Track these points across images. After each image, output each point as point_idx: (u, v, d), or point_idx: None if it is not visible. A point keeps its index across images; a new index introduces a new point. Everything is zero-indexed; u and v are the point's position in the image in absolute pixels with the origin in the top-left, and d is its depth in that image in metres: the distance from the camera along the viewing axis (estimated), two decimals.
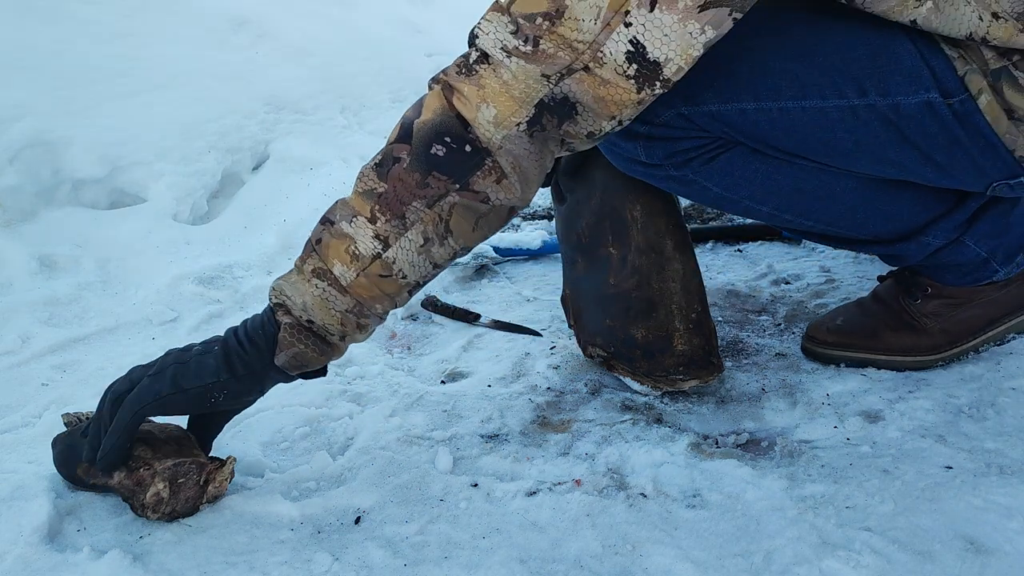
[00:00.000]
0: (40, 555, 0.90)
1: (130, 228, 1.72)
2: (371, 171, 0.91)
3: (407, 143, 0.89)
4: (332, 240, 0.91)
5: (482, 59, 0.86)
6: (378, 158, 0.91)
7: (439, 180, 0.88)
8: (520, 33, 0.83)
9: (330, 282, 0.91)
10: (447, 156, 0.87)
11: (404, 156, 0.89)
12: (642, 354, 1.14)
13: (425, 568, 0.87)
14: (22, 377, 1.29)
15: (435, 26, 3.13)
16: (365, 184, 0.91)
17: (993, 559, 0.83)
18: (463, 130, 0.87)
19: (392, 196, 0.89)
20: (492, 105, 0.85)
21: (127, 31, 2.22)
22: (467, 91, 0.86)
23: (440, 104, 0.88)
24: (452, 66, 0.88)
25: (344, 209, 0.92)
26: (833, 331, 1.21)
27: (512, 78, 0.84)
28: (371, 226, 0.90)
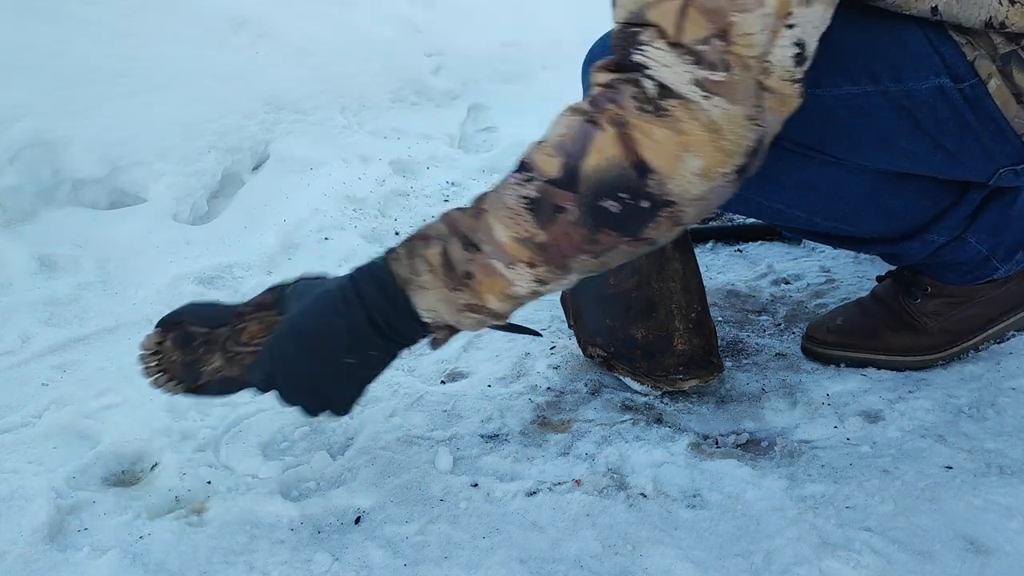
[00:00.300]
0: (40, 554, 0.90)
1: (130, 228, 1.71)
2: (525, 212, 0.81)
3: (572, 191, 0.79)
4: (485, 278, 0.84)
5: (666, 94, 0.76)
6: (532, 193, 0.81)
7: (609, 236, 0.80)
8: (704, 62, 0.75)
9: (486, 314, 0.87)
10: (621, 213, 0.79)
11: (569, 207, 0.79)
12: (642, 354, 1.14)
13: (425, 568, 0.87)
14: (22, 377, 1.29)
15: (435, 26, 3.12)
16: (521, 228, 0.81)
17: (993, 559, 0.83)
18: (641, 182, 0.77)
19: (556, 249, 0.81)
20: (698, 156, 0.76)
21: (127, 31, 2.22)
22: (660, 135, 0.76)
23: (617, 152, 0.77)
24: (625, 99, 0.77)
25: (494, 246, 0.83)
26: (833, 331, 1.21)
27: (717, 126, 0.75)
28: (531, 271, 0.83)
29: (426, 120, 2.61)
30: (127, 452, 1.09)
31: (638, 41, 0.78)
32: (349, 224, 1.87)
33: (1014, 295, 1.20)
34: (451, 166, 2.34)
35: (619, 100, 0.77)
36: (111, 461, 1.08)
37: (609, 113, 0.78)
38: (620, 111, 0.77)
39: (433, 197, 2.11)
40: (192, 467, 1.05)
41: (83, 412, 1.18)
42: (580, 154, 0.78)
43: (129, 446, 1.10)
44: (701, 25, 0.74)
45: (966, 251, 1.13)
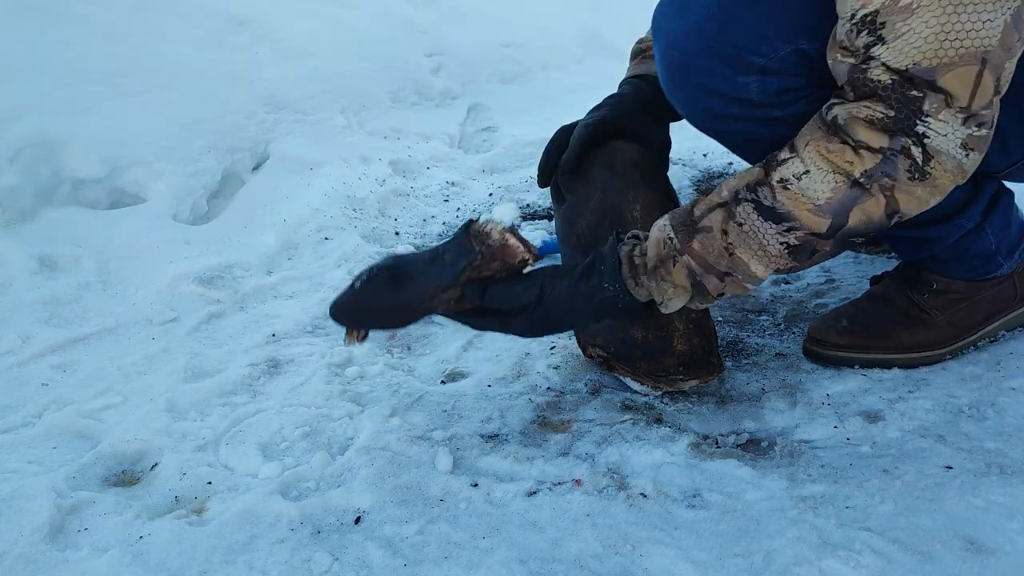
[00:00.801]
0: (40, 554, 0.90)
1: (130, 228, 1.72)
2: (785, 254, 0.96)
3: (830, 240, 0.95)
4: (735, 289, 1.00)
5: (929, 158, 0.89)
6: (793, 242, 0.95)
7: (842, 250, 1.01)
8: (973, 120, 0.88)
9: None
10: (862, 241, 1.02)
11: (826, 249, 0.98)
12: (642, 354, 1.14)
13: (425, 568, 0.87)
14: (22, 377, 1.29)
15: (435, 26, 3.12)
16: (778, 263, 0.97)
17: (993, 559, 0.83)
18: (887, 222, 0.94)
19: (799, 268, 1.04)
20: (939, 196, 0.93)
21: (127, 31, 2.22)
22: (920, 192, 0.91)
23: (880, 212, 0.92)
24: (900, 173, 0.90)
25: (747, 275, 0.98)
26: (843, 333, 1.21)
27: (963, 172, 0.91)
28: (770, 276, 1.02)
29: (426, 120, 2.61)
30: (127, 452, 1.09)
31: (923, 111, 0.87)
32: (349, 224, 1.87)
33: (1007, 296, 1.22)
34: (451, 166, 2.34)
35: (894, 175, 0.90)
36: (111, 461, 1.08)
37: (881, 183, 0.91)
38: (892, 181, 0.90)
39: (433, 197, 2.11)
40: (192, 467, 1.05)
41: (83, 412, 1.18)
42: (846, 215, 0.93)
43: (129, 446, 1.10)
44: (989, 88, 0.86)
45: (982, 242, 1.17)
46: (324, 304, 1.51)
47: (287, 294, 1.58)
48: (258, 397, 1.22)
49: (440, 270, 0.98)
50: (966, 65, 0.84)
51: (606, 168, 1.19)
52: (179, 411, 1.18)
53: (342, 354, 1.31)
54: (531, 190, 2.15)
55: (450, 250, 0.99)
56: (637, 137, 1.22)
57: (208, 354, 1.35)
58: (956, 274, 1.20)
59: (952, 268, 1.19)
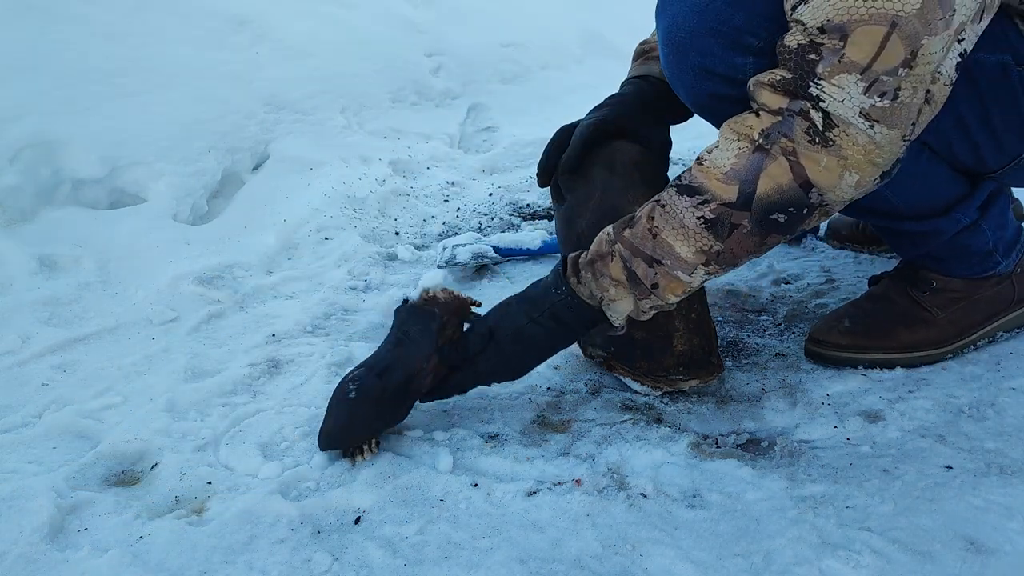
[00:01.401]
0: (40, 554, 0.90)
1: (130, 228, 1.72)
2: (703, 230, 0.96)
3: (746, 211, 0.94)
4: (669, 284, 1.00)
5: (830, 124, 0.88)
6: (708, 215, 0.96)
7: (775, 238, 0.98)
8: (874, 90, 0.86)
9: (664, 306, 1.04)
10: (786, 221, 0.95)
11: (744, 224, 0.95)
12: (642, 354, 1.14)
13: (425, 568, 0.87)
14: (22, 377, 1.29)
15: (435, 26, 3.13)
16: (700, 242, 0.97)
17: (993, 559, 0.83)
18: (805, 198, 0.93)
19: (729, 254, 0.98)
20: (855, 172, 0.91)
21: (127, 31, 2.22)
22: (826, 162, 0.90)
23: (787, 178, 0.92)
24: (797, 133, 0.90)
25: (675, 259, 0.98)
26: (845, 333, 1.21)
27: (875, 147, 0.89)
28: (704, 269, 0.99)
29: (426, 120, 2.61)
30: (127, 452, 1.09)
31: (816, 74, 0.88)
32: (349, 224, 1.87)
33: (1006, 297, 1.22)
34: (451, 166, 2.34)
35: (790, 134, 0.90)
36: (111, 461, 1.08)
37: (781, 145, 0.91)
38: (791, 143, 0.90)
39: (433, 197, 2.11)
40: (192, 467, 1.05)
41: (83, 412, 1.18)
42: (754, 181, 0.93)
43: (129, 446, 1.10)
44: (897, 53, 0.85)
45: (980, 239, 1.17)
46: (324, 304, 1.51)
47: (287, 294, 1.58)
48: (258, 397, 1.22)
49: (416, 346, 1.07)
50: (874, 24, 0.84)
51: (606, 168, 1.19)
52: (179, 411, 1.18)
53: (342, 354, 1.31)
54: (531, 190, 2.15)
55: (412, 327, 1.08)
56: (637, 137, 1.22)
57: (208, 354, 1.35)
58: (955, 272, 1.20)
59: (951, 266, 1.20)
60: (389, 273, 1.65)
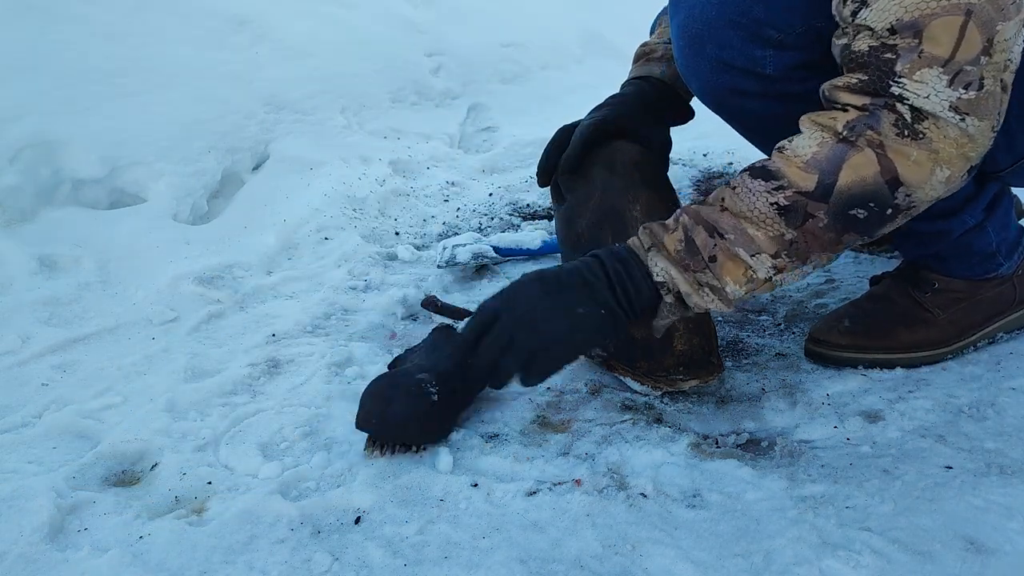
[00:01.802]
0: (40, 554, 0.90)
1: (130, 228, 1.72)
2: (776, 216, 0.92)
3: (824, 203, 0.90)
4: (728, 262, 0.95)
5: (920, 117, 0.86)
6: (782, 201, 0.91)
7: (852, 236, 0.93)
8: (959, 81, 0.85)
9: (720, 297, 0.97)
10: (866, 219, 0.91)
11: (821, 216, 0.91)
12: (642, 354, 1.14)
13: (425, 568, 0.87)
14: (22, 377, 1.29)
15: (435, 26, 3.12)
16: (771, 228, 0.92)
17: (993, 559, 0.83)
18: (889, 196, 0.89)
19: (802, 246, 0.93)
20: (946, 167, 0.87)
21: (127, 31, 2.22)
22: (917, 156, 0.87)
23: (873, 171, 0.88)
24: (884, 126, 0.87)
25: (741, 235, 0.93)
26: (845, 333, 1.21)
27: (968, 140, 0.86)
28: (772, 260, 0.94)
29: (426, 120, 2.61)
30: (127, 452, 1.09)
31: (895, 72, 0.86)
32: (349, 224, 1.87)
33: (1007, 298, 1.22)
34: (451, 166, 2.34)
35: (877, 127, 0.87)
36: (111, 461, 1.08)
37: (867, 137, 0.88)
38: (878, 136, 0.87)
39: (433, 197, 2.11)
40: (192, 467, 1.05)
41: (83, 412, 1.18)
42: (835, 172, 0.89)
43: (129, 446, 1.10)
44: (976, 42, 0.83)
45: (984, 240, 1.17)
46: (324, 304, 1.51)
47: (287, 294, 1.58)
48: (258, 397, 1.22)
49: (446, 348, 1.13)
50: (949, 15, 0.83)
51: (606, 168, 1.19)
52: (179, 411, 1.18)
53: (342, 354, 1.31)
54: (531, 190, 2.15)
55: (438, 335, 1.17)
56: (637, 137, 1.22)
57: (208, 354, 1.35)
58: (957, 273, 1.20)
59: (953, 266, 1.20)
60: (389, 273, 1.65)
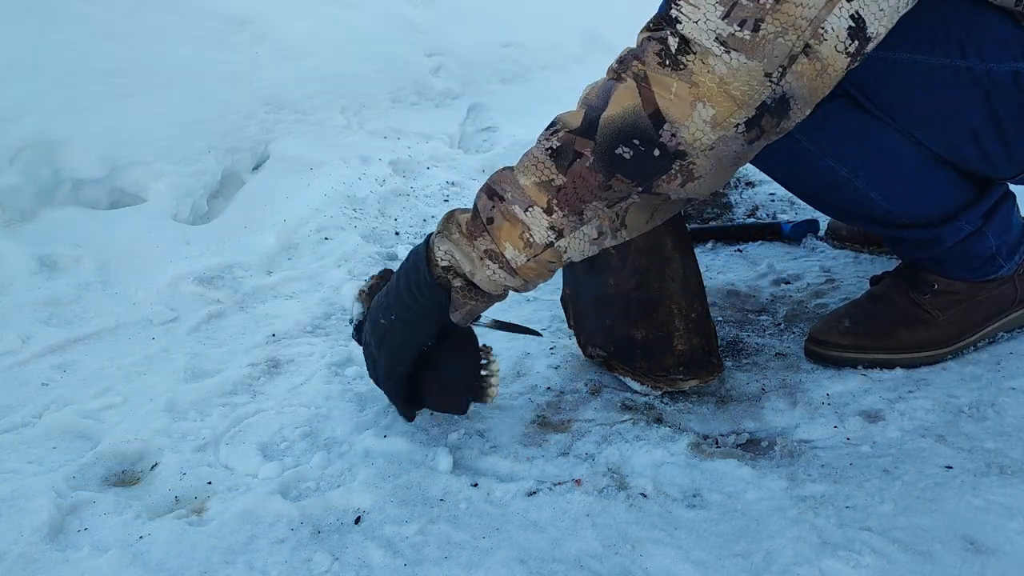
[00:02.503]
0: (40, 554, 0.90)
1: (130, 228, 1.72)
2: (547, 159, 0.88)
3: (590, 139, 0.85)
4: (504, 223, 0.91)
5: (686, 49, 0.80)
6: (555, 143, 0.87)
7: (622, 182, 0.86)
8: (734, 16, 0.78)
9: (501, 264, 0.92)
10: (633, 159, 0.85)
11: (587, 153, 0.86)
12: (642, 354, 1.14)
13: (425, 568, 0.87)
14: (22, 377, 1.29)
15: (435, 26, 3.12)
16: (541, 173, 0.88)
17: (993, 559, 0.83)
18: (653, 132, 0.83)
19: (572, 193, 0.88)
20: (709, 105, 0.80)
21: (127, 31, 2.22)
22: (676, 87, 0.81)
23: (634, 102, 0.83)
24: (648, 55, 0.82)
25: (516, 191, 0.90)
26: (845, 333, 1.21)
27: (731, 75, 0.79)
28: (547, 217, 0.89)
29: (426, 120, 2.61)
30: (127, 452, 1.09)
31: None
32: (349, 224, 1.87)
33: (1008, 298, 1.22)
34: (451, 166, 2.34)
35: (642, 56, 0.83)
36: (111, 461, 1.08)
37: (633, 69, 0.83)
38: (642, 66, 0.83)
39: (433, 197, 2.11)
40: (192, 467, 1.05)
41: (83, 412, 1.18)
42: (601, 106, 0.85)
43: (129, 446, 1.10)
44: None
45: (983, 245, 1.16)
46: (324, 304, 1.51)
47: (287, 294, 1.58)
48: (258, 397, 1.22)
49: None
50: None
51: None
52: (179, 411, 1.18)
53: (342, 354, 1.31)
54: None
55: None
56: None
57: (208, 354, 1.35)
58: (956, 275, 1.20)
59: (952, 270, 1.20)
60: None
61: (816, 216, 1.78)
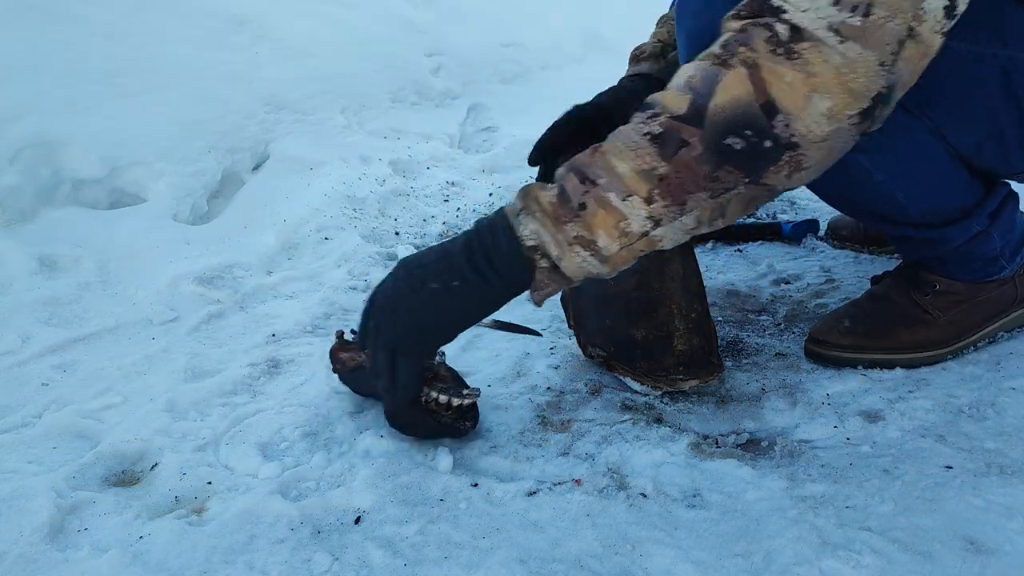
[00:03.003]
0: (40, 554, 0.90)
1: (130, 228, 1.72)
2: (648, 145, 0.84)
3: (698, 127, 0.82)
4: (599, 211, 0.86)
5: (798, 37, 0.78)
6: (656, 129, 0.83)
7: (730, 173, 0.83)
8: (844, 3, 0.76)
9: (592, 252, 0.88)
10: (743, 150, 0.81)
11: (694, 143, 0.82)
12: (642, 354, 1.14)
13: (425, 568, 0.87)
14: (22, 377, 1.29)
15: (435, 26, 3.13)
16: (643, 161, 0.84)
17: (993, 559, 0.83)
18: (766, 123, 0.80)
19: (675, 183, 0.84)
20: (826, 96, 0.78)
21: (127, 31, 2.22)
22: (790, 77, 0.78)
23: (745, 91, 0.80)
24: (757, 42, 0.79)
25: (612, 178, 0.85)
26: (846, 333, 1.21)
27: (848, 66, 0.77)
28: (646, 206, 0.85)
29: (426, 120, 2.61)
30: (127, 452, 1.09)
31: None
32: (349, 224, 1.87)
33: (1008, 298, 1.22)
34: (451, 166, 2.34)
35: (751, 43, 0.79)
36: (111, 461, 1.08)
37: (741, 55, 0.80)
38: (752, 54, 0.79)
39: (433, 197, 2.11)
40: (192, 467, 1.05)
41: (83, 412, 1.18)
42: (709, 93, 0.81)
43: (129, 446, 1.10)
44: None
45: (988, 246, 1.16)
46: (324, 304, 1.51)
47: (287, 294, 1.58)
48: (258, 397, 1.22)
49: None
50: None
51: None
52: (179, 411, 1.18)
53: None
54: None
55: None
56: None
57: (208, 354, 1.35)
58: (958, 276, 1.20)
59: (955, 270, 1.19)
60: None
61: (816, 216, 1.78)
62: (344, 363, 1.15)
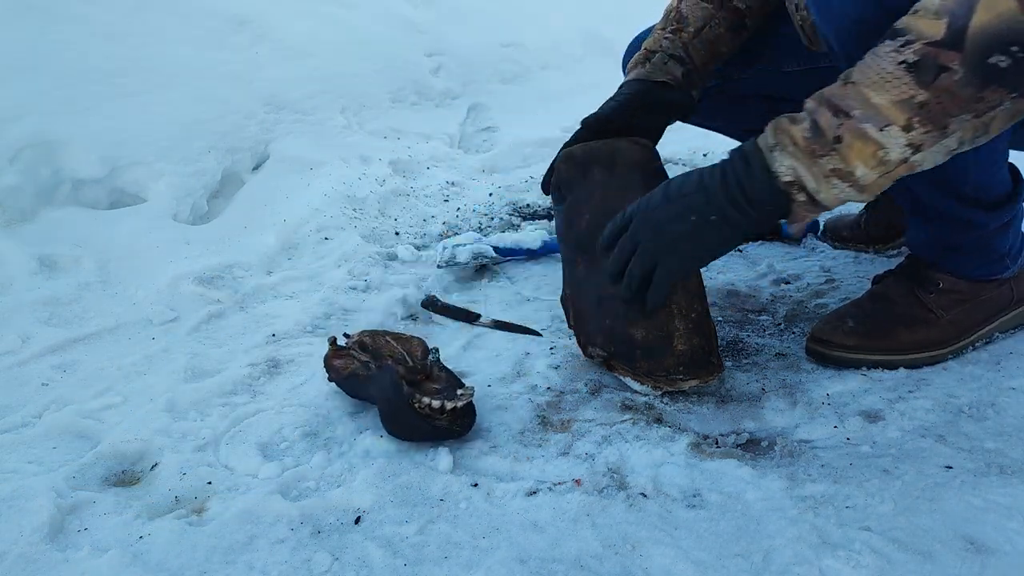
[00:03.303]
0: (40, 554, 0.90)
1: (130, 228, 1.72)
2: (904, 74, 0.82)
3: (957, 50, 0.79)
4: (855, 142, 0.86)
5: None
6: (911, 58, 0.81)
7: (995, 92, 0.81)
8: None
9: (850, 183, 0.88)
10: (1010, 68, 0.78)
11: (955, 67, 0.80)
12: (642, 354, 1.14)
13: (425, 568, 0.87)
14: (22, 377, 1.29)
15: (435, 26, 3.13)
16: (898, 90, 0.82)
17: (993, 559, 0.83)
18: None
19: (936, 109, 0.82)
20: None
21: (127, 31, 2.22)
22: None
23: (1009, 5, 0.76)
24: None
25: (867, 109, 0.84)
26: (848, 333, 1.20)
27: None
28: (905, 135, 0.84)
29: (426, 120, 2.61)
30: (127, 452, 1.09)
31: None
32: (349, 224, 1.87)
33: (1006, 298, 1.23)
34: (451, 166, 2.34)
35: None
36: (111, 461, 1.08)
37: None
38: None
39: (433, 197, 2.11)
40: (192, 467, 1.05)
41: (83, 412, 1.18)
42: (967, 14, 0.78)
43: (129, 446, 1.10)
44: None
45: (1004, 240, 1.16)
46: (324, 304, 1.51)
47: (287, 294, 1.58)
48: (258, 397, 1.22)
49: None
50: None
51: (606, 168, 1.19)
52: (179, 411, 1.18)
53: None
54: (531, 190, 2.15)
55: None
56: (633, 133, 1.23)
57: (208, 354, 1.35)
58: (966, 271, 1.20)
59: (965, 264, 1.19)
60: (389, 273, 1.65)
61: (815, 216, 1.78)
62: (339, 371, 1.15)
